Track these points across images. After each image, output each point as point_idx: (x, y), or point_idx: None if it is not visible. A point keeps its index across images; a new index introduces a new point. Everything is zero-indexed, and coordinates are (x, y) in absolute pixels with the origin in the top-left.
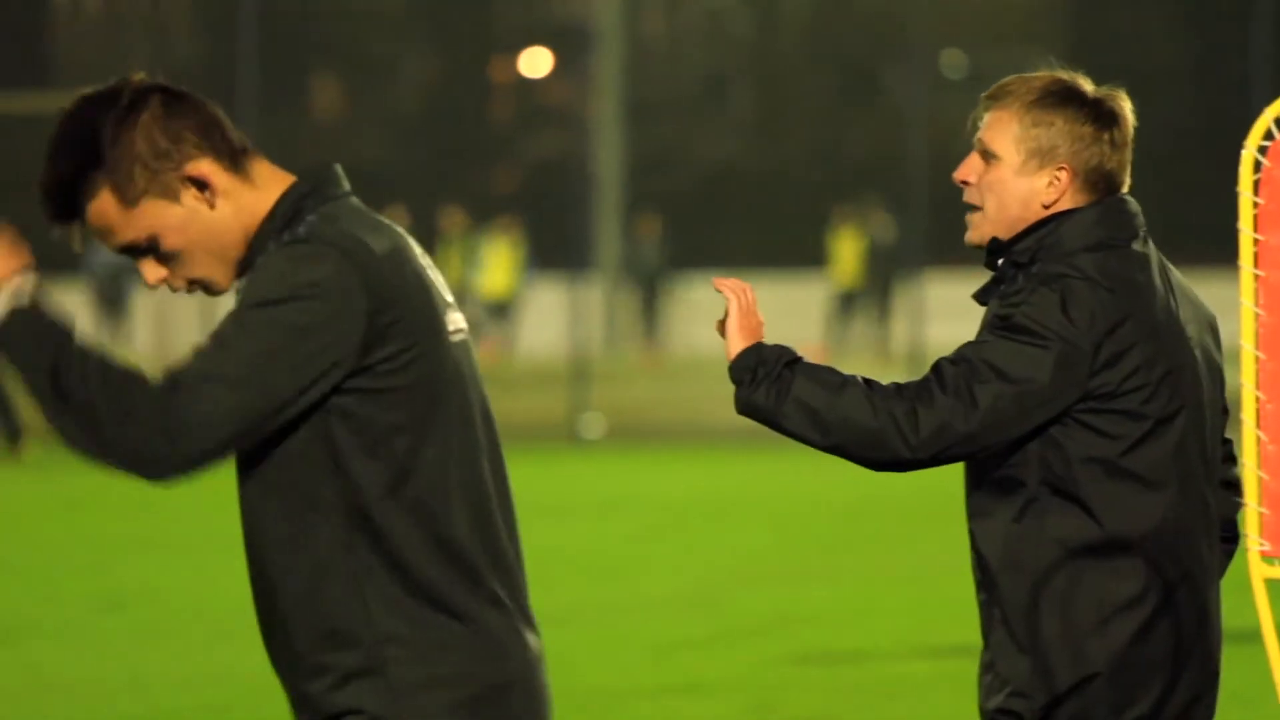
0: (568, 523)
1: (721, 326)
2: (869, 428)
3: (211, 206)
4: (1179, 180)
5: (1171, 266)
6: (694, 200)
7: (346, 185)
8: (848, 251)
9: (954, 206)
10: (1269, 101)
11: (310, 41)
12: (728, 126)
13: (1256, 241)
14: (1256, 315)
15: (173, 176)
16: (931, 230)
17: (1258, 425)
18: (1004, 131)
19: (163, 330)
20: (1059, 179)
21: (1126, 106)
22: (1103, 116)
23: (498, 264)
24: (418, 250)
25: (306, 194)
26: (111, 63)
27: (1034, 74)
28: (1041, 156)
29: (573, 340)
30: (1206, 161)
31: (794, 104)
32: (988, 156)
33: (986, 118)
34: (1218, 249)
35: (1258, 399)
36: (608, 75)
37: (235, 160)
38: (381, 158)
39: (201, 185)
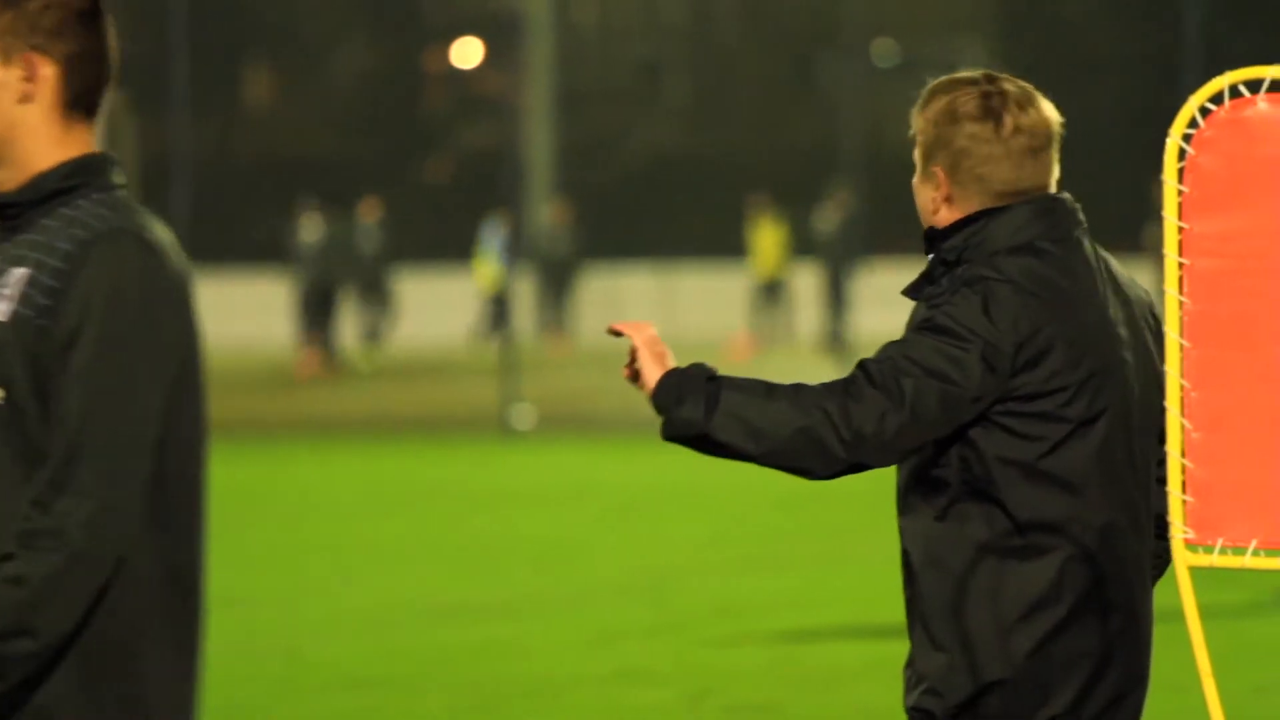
0: (504, 514)
1: (630, 372)
2: (801, 427)
3: (21, 99)
4: (1110, 169)
5: (1110, 259)
6: (628, 189)
7: (121, 179)
8: (766, 242)
9: (887, 195)
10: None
11: (242, 32)
12: (662, 115)
13: (1181, 230)
14: (1181, 304)
15: (19, 43)
16: (865, 218)
17: (1182, 414)
18: (914, 140)
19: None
20: (937, 177)
21: (1035, 104)
22: (979, 110)
23: None
24: None
25: (88, 169)
26: None
27: (944, 78)
28: (924, 160)
29: (504, 331)
30: (1136, 150)
31: (728, 93)
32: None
33: None
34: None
35: (1182, 387)
36: (540, 65)
37: (75, 99)
38: (314, 148)
39: (30, 78)
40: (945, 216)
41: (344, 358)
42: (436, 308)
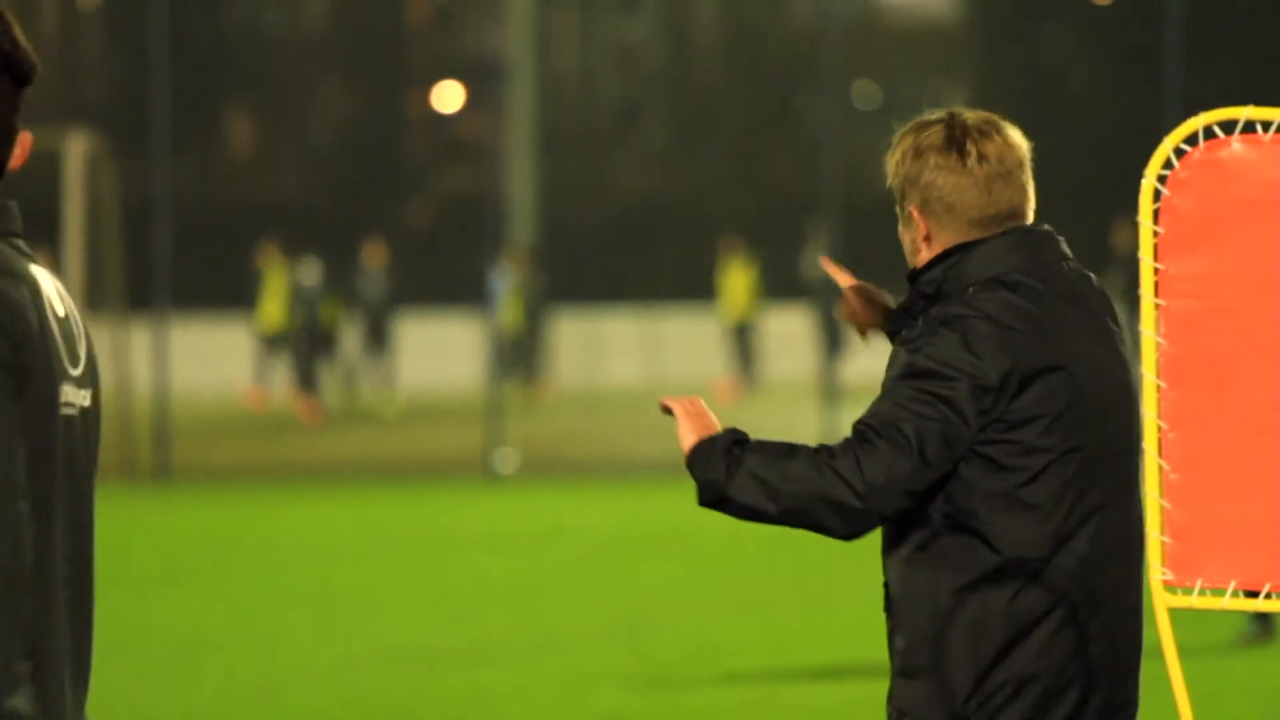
0: (486, 557)
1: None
2: (817, 486)
3: None
4: (1090, 208)
5: (1103, 296)
6: (609, 231)
7: (11, 226)
8: (736, 284)
9: (867, 237)
10: None
11: (223, 76)
12: (642, 158)
13: (1157, 271)
14: (1158, 344)
15: None
16: (845, 260)
17: (1160, 454)
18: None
19: None
20: (913, 217)
21: (1000, 135)
22: (941, 142)
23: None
24: (59, 312)
25: None
26: None
27: (914, 119)
28: (900, 203)
29: (486, 375)
30: (1117, 189)
31: (708, 135)
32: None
33: None
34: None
35: (1160, 428)
36: (520, 108)
37: None
38: (295, 192)
39: None
40: (926, 256)
41: (328, 402)
42: (423, 352)
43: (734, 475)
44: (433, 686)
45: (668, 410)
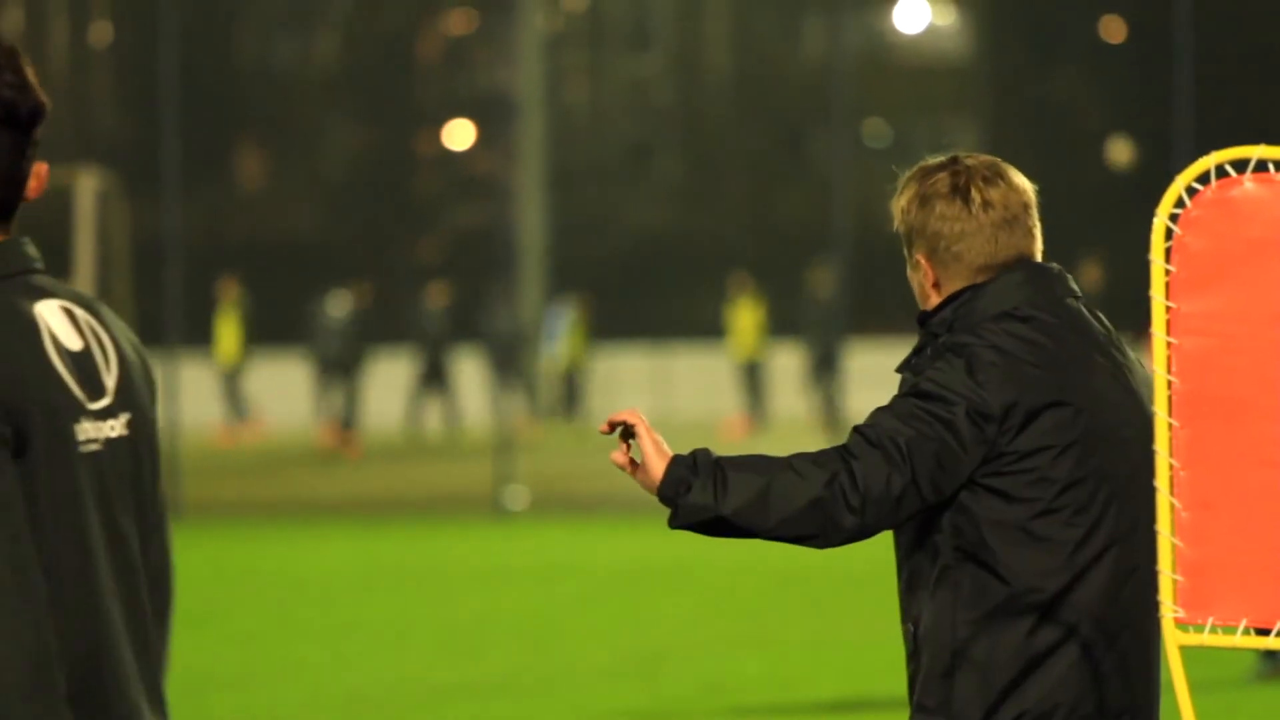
0: (497, 594)
1: (624, 459)
2: (812, 498)
3: None
4: (1102, 247)
5: (1113, 332)
6: (619, 268)
7: (16, 265)
8: (745, 322)
9: (876, 275)
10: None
11: (234, 114)
12: (653, 195)
13: (1169, 309)
14: (1170, 383)
15: None
16: (854, 298)
17: (1172, 493)
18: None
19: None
20: (921, 264)
21: (977, 170)
22: (947, 190)
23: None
24: (71, 346)
25: None
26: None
27: (918, 164)
28: (907, 249)
29: (497, 411)
30: (1128, 228)
31: (718, 173)
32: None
33: None
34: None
35: (1171, 466)
36: (531, 145)
37: None
38: (306, 230)
39: None
40: (935, 300)
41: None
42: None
43: (723, 496)
44: None
45: (619, 426)
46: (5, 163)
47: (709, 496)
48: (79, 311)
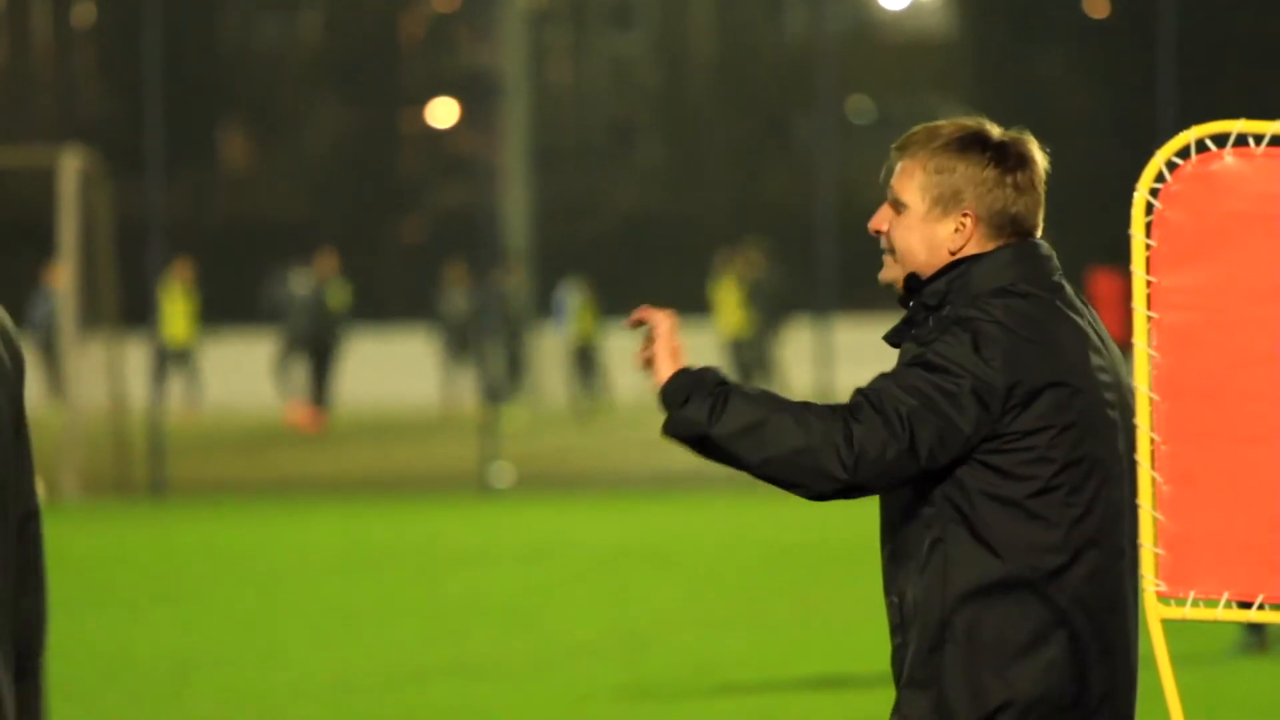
0: (482, 572)
1: (644, 357)
2: (804, 445)
3: None
4: (1088, 226)
5: (1090, 310)
6: (603, 248)
7: None
8: (730, 300)
9: (862, 251)
10: None
11: (217, 95)
12: (636, 174)
13: (1150, 284)
14: (1151, 357)
15: None
16: (840, 275)
17: (1153, 467)
18: (910, 180)
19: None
20: (964, 224)
21: (1034, 149)
22: (1006, 160)
23: (174, 311)
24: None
25: None
26: (17, 119)
27: (940, 122)
28: (945, 203)
29: (482, 390)
30: (1114, 207)
31: (703, 151)
32: (897, 206)
33: (896, 167)
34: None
35: (1153, 441)
36: (515, 124)
37: None
38: (290, 210)
39: None
40: (946, 258)
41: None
42: (422, 366)
43: (719, 417)
44: (428, 703)
45: (640, 322)
46: None
47: (703, 414)
48: None
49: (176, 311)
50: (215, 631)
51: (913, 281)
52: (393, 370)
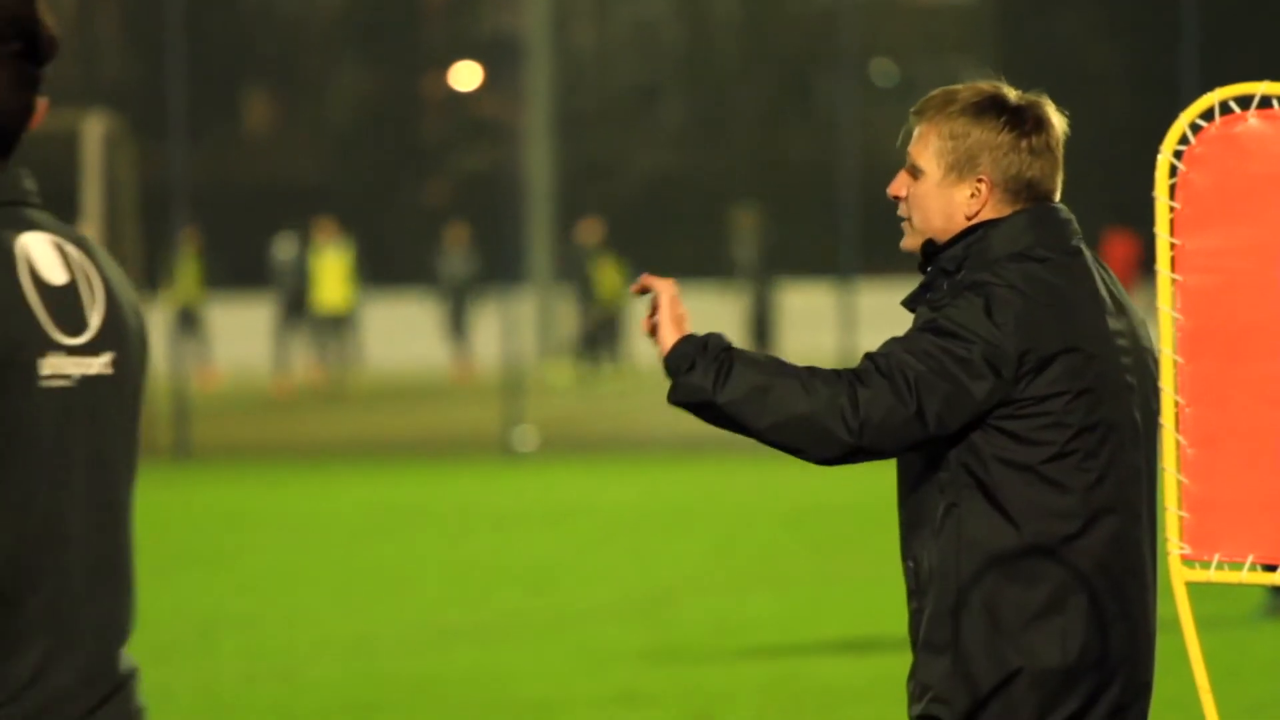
0: (505, 535)
1: (649, 325)
2: (810, 409)
3: None
4: (1111, 186)
5: (1111, 274)
6: (627, 210)
7: (5, 196)
8: (752, 261)
9: (885, 215)
10: None
11: (240, 58)
12: (660, 137)
13: (1174, 246)
14: (1175, 320)
15: None
16: (863, 237)
17: (1177, 429)
18: (926, 145)
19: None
20: (979, 190)
21: (1051, 112)
22: (1023, 124)
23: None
24: (53, 280)
25: None
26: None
27: (957, 86)
28: (961, 168)
29: (506, 353)
30: (1137, 167)
31: (726, 114)
32: (914, 171)
33: (913, 133)
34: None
35: (1177, 403)
36: (538, 87)
37: None
38: (313, 173)
39: None
40: (962, 224)
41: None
42: (437, 330)
43: (724, 383)
44: (451, 664)
45: (644, 290)
46: (16, 95)
47: (708, 380)
48: (71, 249)
49: (187, 275)
50: (238, 593)
51: (930, 247)
52: (416, 334)
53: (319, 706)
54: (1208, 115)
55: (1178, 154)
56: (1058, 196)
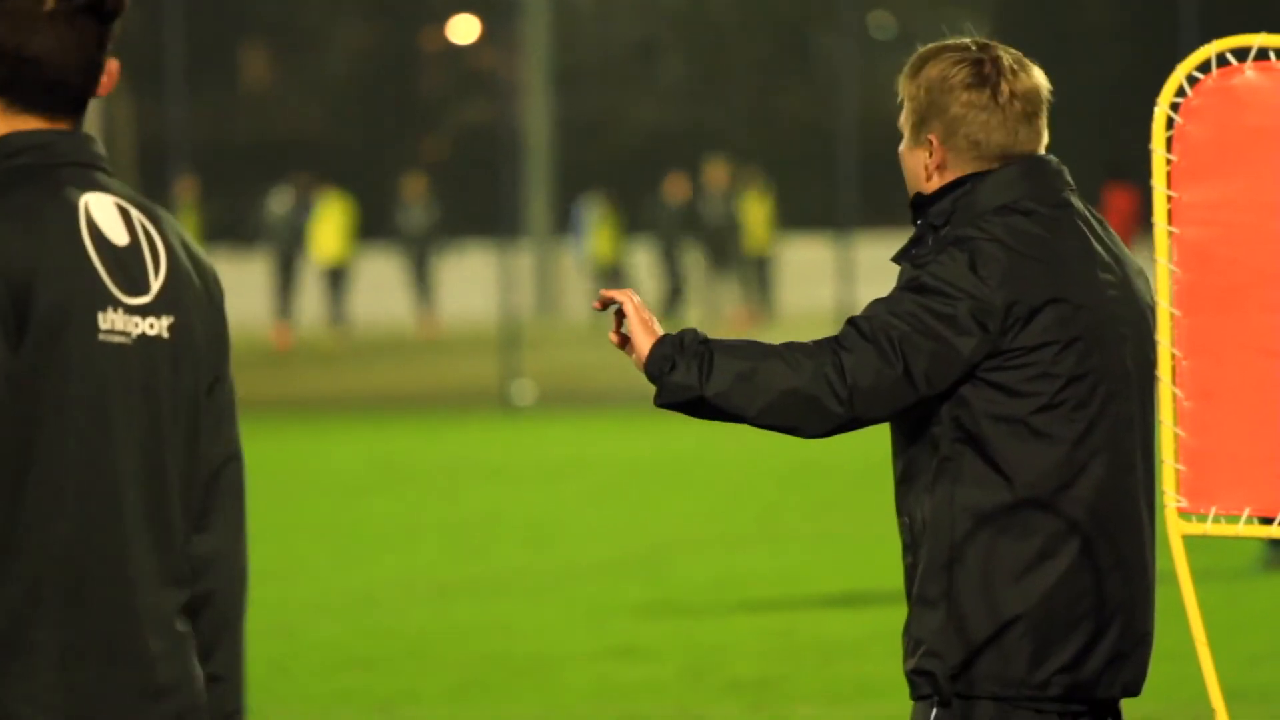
0: (503, 489)
1: (619, 338)
2: (797, 386)
3: None
4: (1109, 139)
5: (1106, 226)
6: (625, 166)
7: (72, 156)
8: (753, 216)
9: (884, 168)
10: None
11: (238, 12)
12: (658, 92)
13: (1171, 199)
14: (1172, 273)
15: None
16: (861, 191)
17: (1174, 382)
18: (902, 109)
19: None
20: (931, 149)
21: (1006, 62)
22: (974, 78)
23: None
24: (116, 240)
25: (24, 149)
26: None
27: (931, 45)
28: (916, 127)
29: (503, 307)
30: (1135, 120)
31: (724, 68)
32: (900, 131)
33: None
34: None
35: (1174, 356)
36: (535, 41)
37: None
38: (311, 127)
39: None
40: (936, 183)
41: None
42: (440, 283)
43: (709, 376)
44: (449, 619)
45: (607, 304)
46: (87, 53)
47: (692, 377)
48: (135, 212)
49: (184, 228)
50: None
51: (918, 199)
52: (411, 288)
53: (318, 662)
54: (1205, 68)
55: (1174, 106)
56: (1040, 149)
